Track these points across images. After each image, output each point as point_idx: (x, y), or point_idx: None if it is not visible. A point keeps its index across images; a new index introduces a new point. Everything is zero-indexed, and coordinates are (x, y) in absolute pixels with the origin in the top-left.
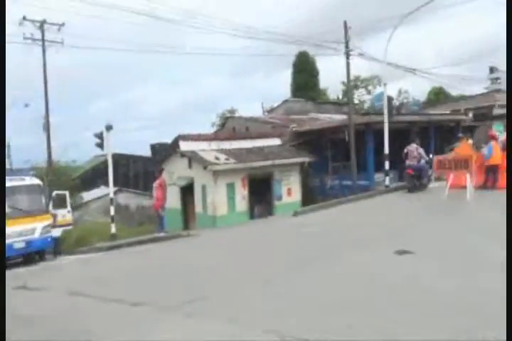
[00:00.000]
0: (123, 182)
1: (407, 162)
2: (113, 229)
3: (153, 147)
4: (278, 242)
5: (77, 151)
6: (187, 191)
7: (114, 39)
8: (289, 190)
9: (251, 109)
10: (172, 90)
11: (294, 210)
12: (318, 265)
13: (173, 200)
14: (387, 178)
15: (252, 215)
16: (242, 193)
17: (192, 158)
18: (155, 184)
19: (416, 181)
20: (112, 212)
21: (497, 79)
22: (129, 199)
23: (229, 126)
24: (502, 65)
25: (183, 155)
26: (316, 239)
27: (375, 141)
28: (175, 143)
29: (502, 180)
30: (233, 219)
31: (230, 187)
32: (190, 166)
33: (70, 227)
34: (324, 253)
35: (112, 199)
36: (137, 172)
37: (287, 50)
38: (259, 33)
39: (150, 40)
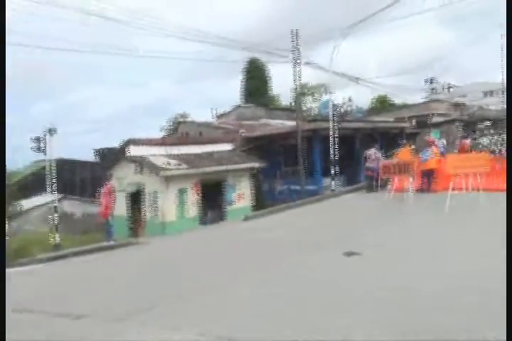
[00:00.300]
0: (68, 188)
1: (367, 164)
2: (57, 239)
3: (100, 152)
4: (228, 248)
5: (19, 156)
6: (136, 197)
7: (60, 38)
8: (241, 195)
9: (203, 114)
10: (121, 93)
11: (245, 215)
12: (268, 269)
13: (122, 207)
14: (334, 183)
15: (203, 221)
16: (193, 199)
17: (142, 163)
18: (102, 190)
19: (375, 182)
20: (56, 220)
21: (435, 89)
22: (75, 206)
23: (181, 131)
24: (439, 76)
25: (132, 160)
26: (266, 243)
27: (323, 146)
28: (124, 147)
29: (439, 182)
30: (184, 225)
31: (182, 192)
32: (140, 172)
33: None
34: (274, 257)
35: (55, 207)
36: (83, 178)
37: (240, 56)
38: (209, 38)
39: (99, 40)
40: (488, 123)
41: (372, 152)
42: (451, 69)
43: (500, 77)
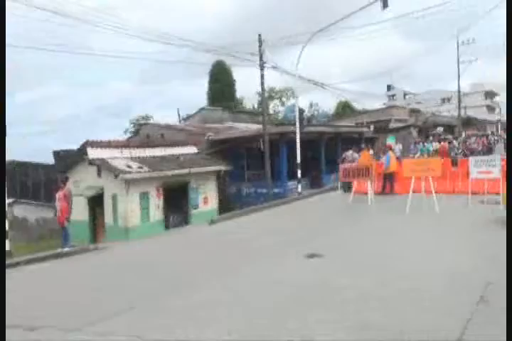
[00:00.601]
0: (20, 192)
1: (344, 165)
2: (7, 246)
3: (56, 154)
4: (192, 252)
5: None
6: (96, 202)
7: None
8: (206, 198)
9: (167, 116)
10: (80, 93)
11: (210, 218)
12: (231, 273)
13: (80, 212)
14: (300, 186)
15: (167, 225)
16: (156, 203)
17: (101, 166)
18: (58, 194)
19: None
20: (6, 226)
21: (393, 96)
22: (28, 211)
23: (143, 133)
24: (397, 83)
25: (91, 163)
26: (230, 246)
27: (288, 150)
28: (82, 149)
29: (397, 185)
30: (147, 230)
31: (144, 196)
32: (99, 175)
33: None
34: (237, 261)
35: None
36: (38, 181)
37: (205, 59)
38: (172, 39)
39: (57, 39)
40: (441, 128)
41: (349, 153)
42: (408, 77)
43: (455, 85)
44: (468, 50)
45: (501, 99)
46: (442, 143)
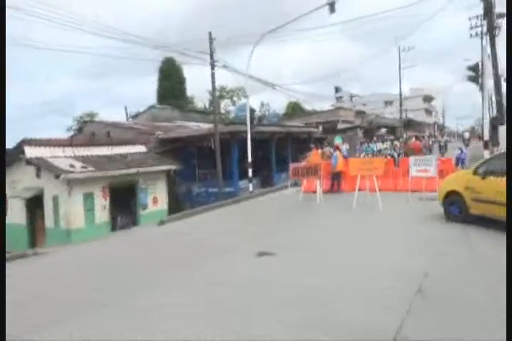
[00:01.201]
0: None
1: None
2: None
3: None
4: (139, 254)
5: None
6: (35, 204)
7: None
8: (155, 198)
9: (114, 113)
10: (17, 88)
11: (160, 219)
12: (180, 273)
13: (17, 215)
14: (251, 185)
15: (114, 226)
16: (102, 204)
17: (41, 165)
18: None
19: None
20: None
21: (341, 97)
22: None
23: (87, 131)
24: (344, 86)
25: (29, 162)
26: (180, 247)
27: (240, 149)
28: (18, 148)
29: (344, 184)
30: (92, 232)
31: (88, 197)
32: (38, 175)
33: None
34: (187, 261)
35: None
36: None
37: (154, 55)
38: (118, 34)
39: None
40: (384, 130)
41: (327, 149)
42: (355, 79)
43: (397, 89)
44: (408, 56)
45: (437, 103)
46: (415, 141)
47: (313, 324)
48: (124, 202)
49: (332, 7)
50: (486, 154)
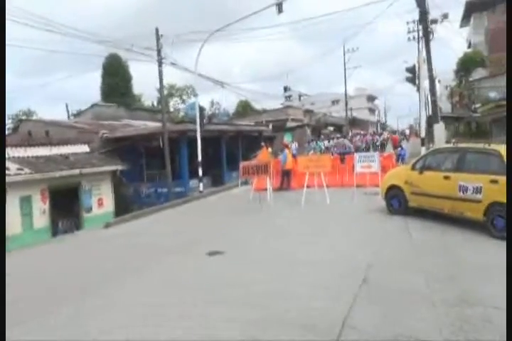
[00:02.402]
0: None
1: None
2: None
3: None
4: (81, 260)
5: None
6: None
7: None
8: (101, 200)
9: (54, 111)
10: None
11: (105, 222)
12: (129, 276)
13: None
14: (201, 184)
15: (55, 231)
16: (41, 207)
17: None
18: None
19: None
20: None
21: (289, 96)
22: None
23: (24, 130)
24: (293, 85)
25: None
26: (130, 250)
27: (189, 148)
28: None
29: (293, 181)
30: (30, 238)
31: (25, 201)
32: None
33: None
34: (138, 264)
35: None
36: None
37: (97, 51)
38: (57, 27)
39: None
40: (331, 128)
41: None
42: (303, 79)
43: (342, 89)
44: (353, 56)
45: (380, 102)
46: (393, 135)
47: (271, 318)
48: (67, 205)
49: (280, 7)
50: (423, 150)
